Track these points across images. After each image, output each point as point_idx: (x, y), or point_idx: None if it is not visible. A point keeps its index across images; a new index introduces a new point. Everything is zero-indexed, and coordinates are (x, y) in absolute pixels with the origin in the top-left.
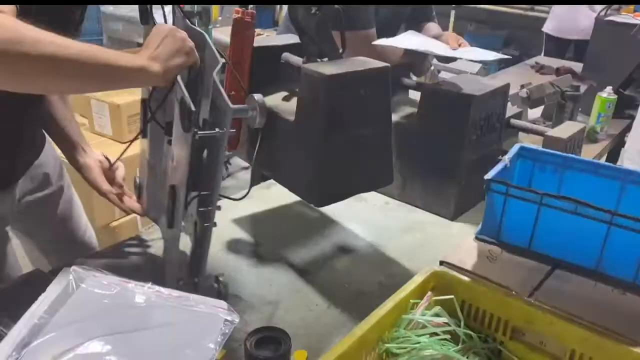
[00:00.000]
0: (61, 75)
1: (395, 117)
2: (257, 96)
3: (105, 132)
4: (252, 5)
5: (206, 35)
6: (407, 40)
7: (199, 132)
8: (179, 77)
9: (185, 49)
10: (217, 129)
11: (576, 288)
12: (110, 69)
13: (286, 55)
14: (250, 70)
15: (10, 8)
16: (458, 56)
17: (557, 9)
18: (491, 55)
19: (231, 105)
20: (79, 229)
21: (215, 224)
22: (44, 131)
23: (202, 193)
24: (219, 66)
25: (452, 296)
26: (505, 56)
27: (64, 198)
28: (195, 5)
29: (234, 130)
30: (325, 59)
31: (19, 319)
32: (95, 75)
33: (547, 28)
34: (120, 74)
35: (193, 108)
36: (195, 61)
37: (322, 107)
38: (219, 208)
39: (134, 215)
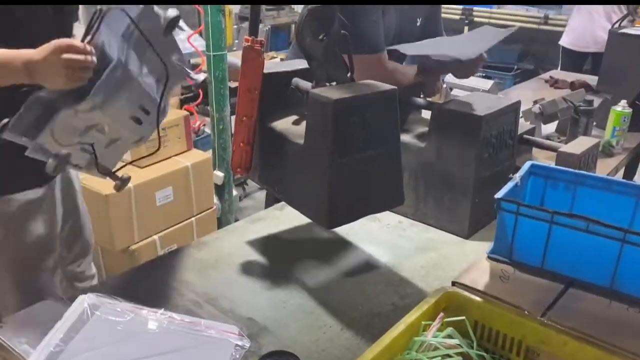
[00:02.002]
0: None
1: (408, 137)
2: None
3: (124, 157)
4: (265, 30)
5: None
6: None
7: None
8: None
9: (66, 73)
10: None
11: (590, 307)
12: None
13: (296, 81)
14: (260, 95)
15: None
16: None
17: (573, 22)
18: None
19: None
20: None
21: None
22: None
23: None
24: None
25: (464, 317)
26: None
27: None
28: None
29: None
30: (334, 83)
31: (37, 346)
32: None
33: (563, 42)
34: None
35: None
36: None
37: (330, 130)
38: None
39: (153, 238)
